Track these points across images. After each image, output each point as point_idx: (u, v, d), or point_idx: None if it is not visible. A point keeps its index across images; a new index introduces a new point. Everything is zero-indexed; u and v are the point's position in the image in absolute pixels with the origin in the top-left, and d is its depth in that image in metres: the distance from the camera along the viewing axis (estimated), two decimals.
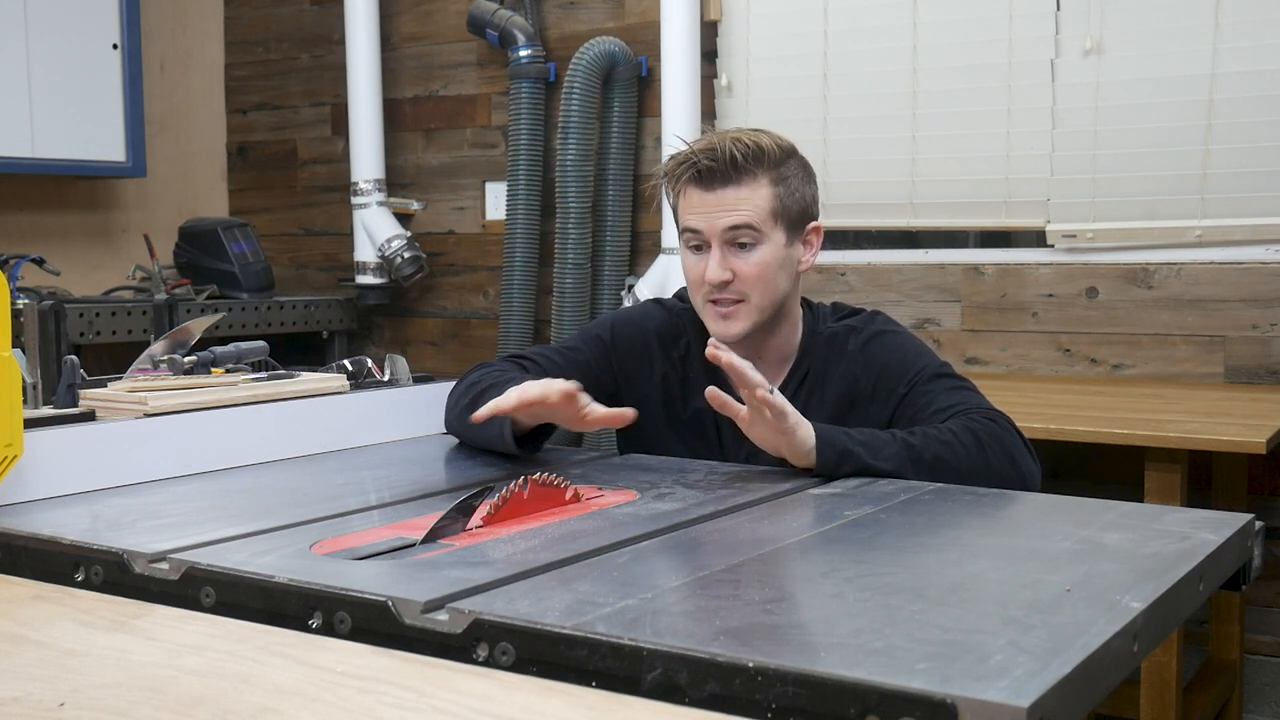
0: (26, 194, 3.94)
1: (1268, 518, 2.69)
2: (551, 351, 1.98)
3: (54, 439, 1.58)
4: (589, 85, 3.61)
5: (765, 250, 1.82)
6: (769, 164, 1.82)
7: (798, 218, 1.86)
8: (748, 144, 1.81)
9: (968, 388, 1.84)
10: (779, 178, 1.83)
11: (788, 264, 1.85)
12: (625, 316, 2.02)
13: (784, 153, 1.85)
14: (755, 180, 1.81)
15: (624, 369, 1.96)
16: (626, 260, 3.78)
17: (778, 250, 1.83)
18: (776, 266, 1.83)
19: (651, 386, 1.95)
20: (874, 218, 3.48)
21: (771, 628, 1.00)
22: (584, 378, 1.86)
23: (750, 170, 1.81)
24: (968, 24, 3.34)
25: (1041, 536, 1.35)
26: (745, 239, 1.81)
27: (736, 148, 1.80)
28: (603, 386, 1.93)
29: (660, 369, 1.95)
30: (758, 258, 1.82)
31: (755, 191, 1.81)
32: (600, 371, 1.95)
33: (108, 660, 1.02)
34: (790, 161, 1.85)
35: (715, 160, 1.80)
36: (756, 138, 1.83)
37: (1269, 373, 3.00)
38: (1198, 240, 3.08)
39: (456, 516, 1.37)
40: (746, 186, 1.81)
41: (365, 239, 4.10)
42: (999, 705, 0.83)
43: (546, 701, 0.92)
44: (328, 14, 4.33)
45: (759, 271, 1.82)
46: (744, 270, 1.82)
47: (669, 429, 1.93)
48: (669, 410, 1.94)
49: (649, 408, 1.92)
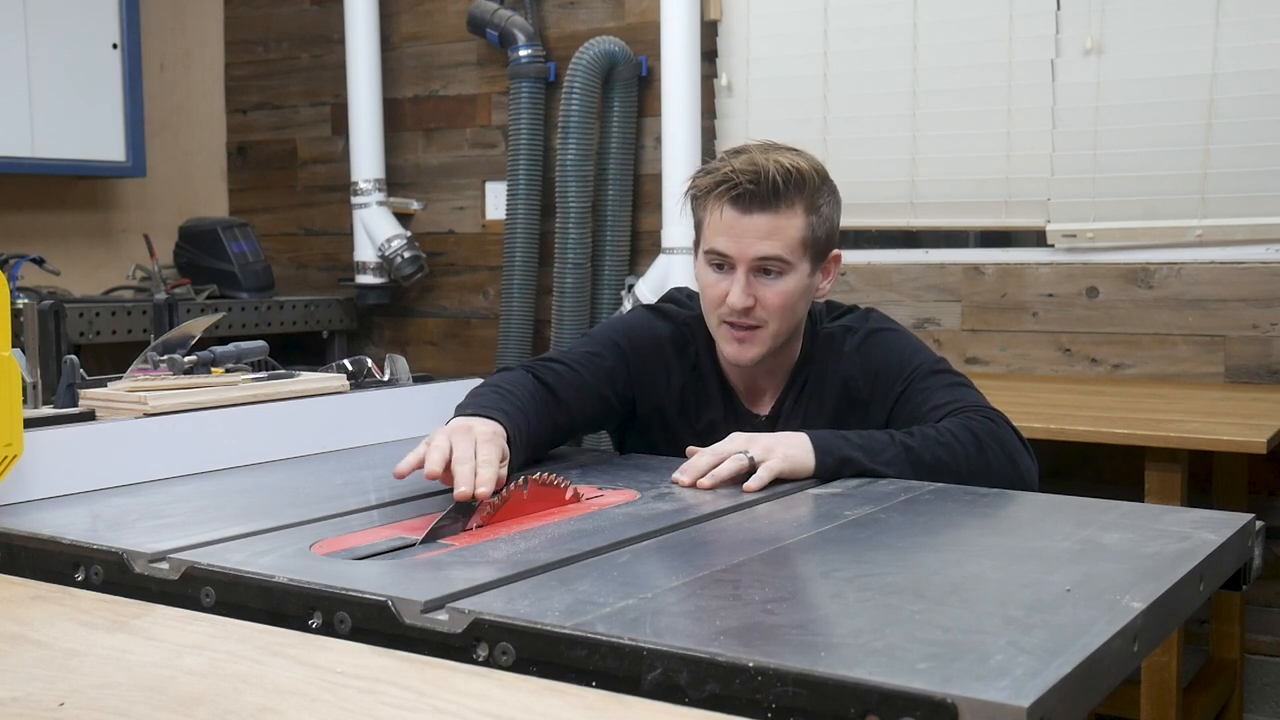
0: (26, 194, 3.94)
1: (1268, 518, 2.69)
2: (573, 359, 1.87)
3: (54, 439, 1.58)
4: (589, 85, 3.60)
5: (791, 280, 1.77)
6: (808, 191, 1.76)
7: (824, 247, 1.81)
8: (789, 169, 1.73)
9: (964, 384, 1.84)
10: (813, 206, 1.77)
11: (808, 293, 1.82)
12: (636, 324, 1.94)
13: (820, 179, 1.79)
14: (792, 208, 1.75)
15: (642, 378, 1.90)
16: (626, 260, 3.78)
17: (802, 280, 1.79)
18: (799, 296, 1.79)
19: (669, 395, 1.90)
20: (874, 218, 3.48)
21: (771, 628, 1.00)
22: (606, 383, 1.85)
23: (789, 198, 1.74)
24: (968, 24, 3.34)
25: (1041, 536, 1.35)
26: (773, 268, 1.76)
27: (779, 173, 1.72)
28: (621, 394, 1.89)
29: (679, 378, 1.90)
30: (782, 287, 1.77)
31: (790, 221, 1.75)
32: (620, 378, 1.89)
33: (108, 660, 1.02)
34: (824, 188, 1.79)
35: (757, 184, 1.72)
36: (797, 161, 1.76)
37: (1269, 373, 3.00)
38: (1198, 240, 3.08)
39: (456, 516, 1.37)
40: (783, 215, 1.74)
41: (365, 239, 4.10)
42: (999, 705, 0.83)
43: (546, 701, 0.92)
44: (328, 14, 4.32)
45: (782, 301, 1.77)
46: (768, 299, 1.77)
47: (686, 437, 1.85)
48: (685, 419, 1.91)
49: (665, 417, 1.90)
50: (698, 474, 1.59)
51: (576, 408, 1.83)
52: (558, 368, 1.84)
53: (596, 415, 1.89)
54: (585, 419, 1.87)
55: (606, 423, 1.95)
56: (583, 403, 1.84)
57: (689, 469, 1.60)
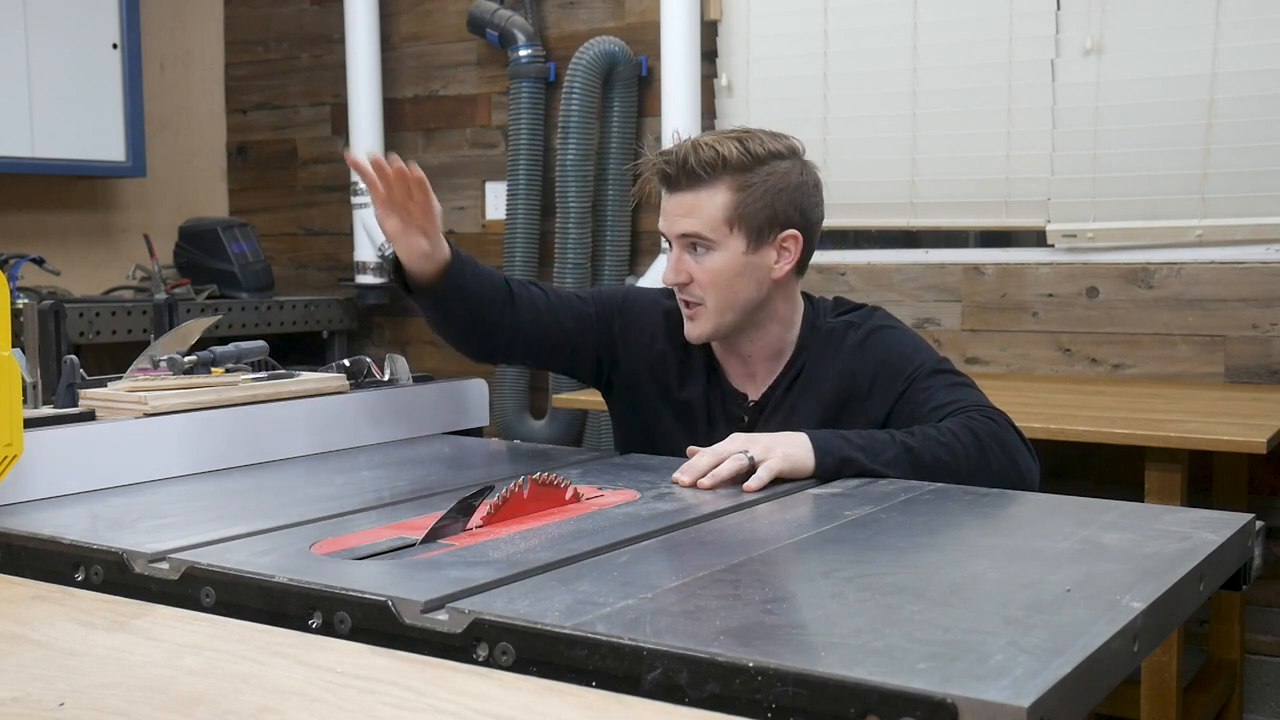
0: (26, 194, 3.94)
1: (1268, 518, 2.69)
2: (551, 288, 2.01)
3: (54, 439, 1.58)
4: (589, 85, 3.60)
5: (718, 257, 1.82)
6: (729, 170, 1.80)
7: (764, 224, 1.82)
8: (707, 148, 1.80)
9: (966, 384, 1.84)
10: (741, 184, 1.80)
11: (750, 270, 1.83)
12: (643, 291, 2.05)
13: (754, 159, 1.81)
14: (712, 187, 1.80)
15: (625, 336, 1.98)
16: (626, 260, 3.78)
17: (734, 257, 1.82)
18: (733, 274, 1.82)
19: (646, 359, 1.96)
20: (874, 218, 3.48)
21: (771, 628, 1.00)
22: (578, 326, 1.95)
23: (703, 177, 1.80)
24: (968, 24, 3.34)
25: (1041, 536, 1.35)
26: (699, 244, 1.82)
27: (695, 153, 1.80)
28: (593, 343, 1.97)
29: (661, 346, 1.96)
30: (709, 264, 1.82)
31: (710, 199, 1.80)
32: (597, 327, 1.97)
33: (108, 660, 1.02)
34: (761, 168, 1.81)
35: (670, 164, 1.82)
36: (721, 143, 1.81)
37: (1269, 373, 3.00)
38: (1198, 240, 3.08)
39: (456, 516, 1.37)
40: (703, 193, 1.80)
41: (365, 239, 4.09)
42: (999, 705, 0.83)
43: (546, 701, 0.92)
44: (328, 14, 4.32)
45: (711, 277, 1.82)
46: (697, 274, 1.83)
47: (663, 406, 1.95)
48: (663, 389, 1.95)
49: (639, 379, 1.97)
50: (698, 474, 1.59)
51: (527, 313, 1.91)
52: (531, 285, 1.96)
53: (549, 337, 1.95)
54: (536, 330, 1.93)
55: (565, 358, 2.00)
56: (535, 312, 1.92)
57: (689, 469, 1.61)
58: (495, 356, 2.00)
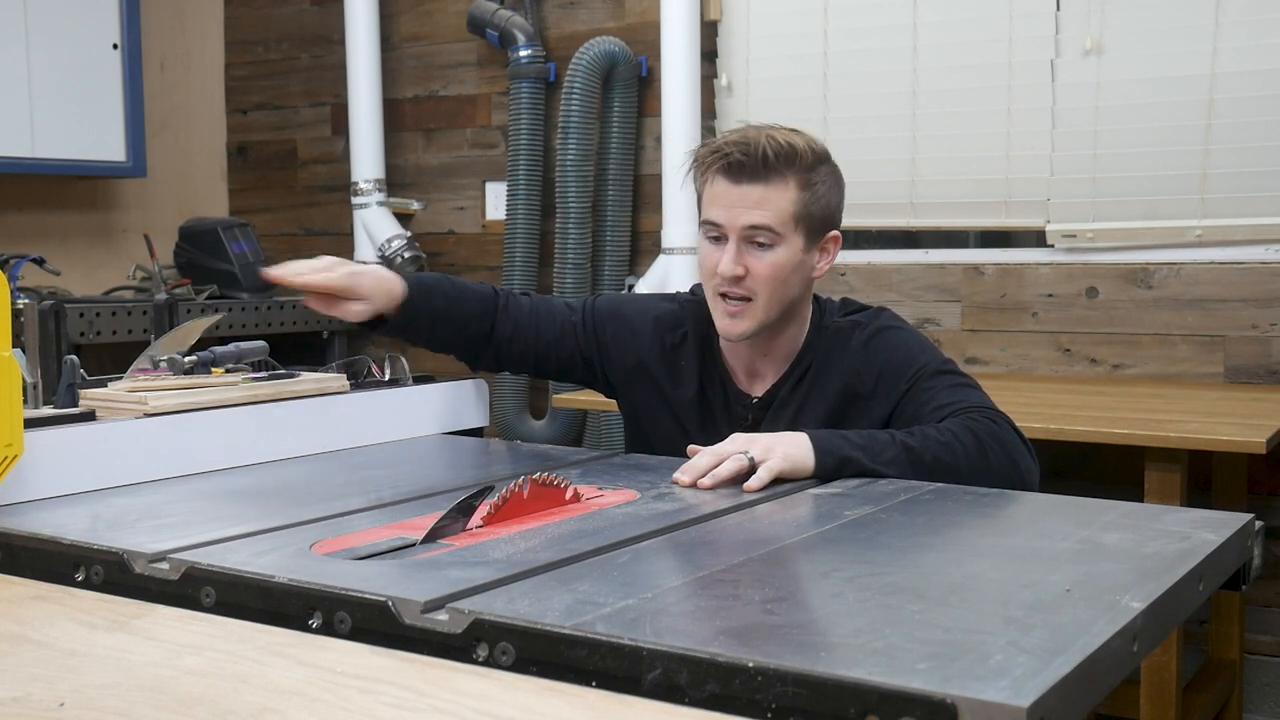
0: (26, 194, 3.94)
1: (1268, 518, 2.69)
2: (539, 296, 2.05)
3: (54, 439, 1.58)
4: (589, 85, 3.60)
5: (781, 252, 1.81)
6: (800, 166, 1.80)
7: (820, 225, 1.84)
8: (781, 143, 1.79)
9: (969, 385, 1.84)
10: (807, 182, 1.81)
11: (802, 269, 1.84)
12: (633, 298, 2.07)
13: (816, 157, 1.83)
14: (784, 181, 1.79)
15: (616, 342, 1.99)
16: (626, 260, 3.78)
17: (794, 254, 1.82)
18: (790, 270, 1.82)
19: (637, 363, 1.98)
20: (874, 218, 3.48)
21: (771, 628, 1.00)
22: (558, 337, 1.99)
23: (779, 170, 1.79)
24: (968, 24, 3.34)
25: (1041, 536, 1.35)
26: (763, 239, 1.80)
27: (770, 145, 1.78)
28: (579, 351, 2.00)
29: (651, 350, 1.97)
30: (772, 258, 1.81)
31: (781, 193, 1.79)
32: (583, 335, 2.00)
33: (108, 660, 1.02)
34: (822, 168, 1.84)
35: (747, 155, 1.78)
36: (791, 138, 1.81)
37: (1269, 373, 3.00)
38: (1198, 240, 3.09)
39: (456, 516, 1.37)
40: (774, 187, 1.79)
41: (365, 239, 4.10)
42: (999, 705, 0.83)
43: (546, 701, 0.92)
44: (328, 14, 4.32)
45: (771, 272, 1.81)
46: (757, 269, 1.81)
47: (662, 408, 1.97)
48: (659, 392, 1.97)
49: (634, 383, 1.98)
50: (698, 474, 1.59)
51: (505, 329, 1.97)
52: (521, 297, 2.02)
53: (532, 349, 1.99)
54: (515, 346, 1.99)
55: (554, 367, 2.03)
56: (515, 328, 1.98)
57: (689, 469, 1.61)
58: (485, 369, 2.05)
